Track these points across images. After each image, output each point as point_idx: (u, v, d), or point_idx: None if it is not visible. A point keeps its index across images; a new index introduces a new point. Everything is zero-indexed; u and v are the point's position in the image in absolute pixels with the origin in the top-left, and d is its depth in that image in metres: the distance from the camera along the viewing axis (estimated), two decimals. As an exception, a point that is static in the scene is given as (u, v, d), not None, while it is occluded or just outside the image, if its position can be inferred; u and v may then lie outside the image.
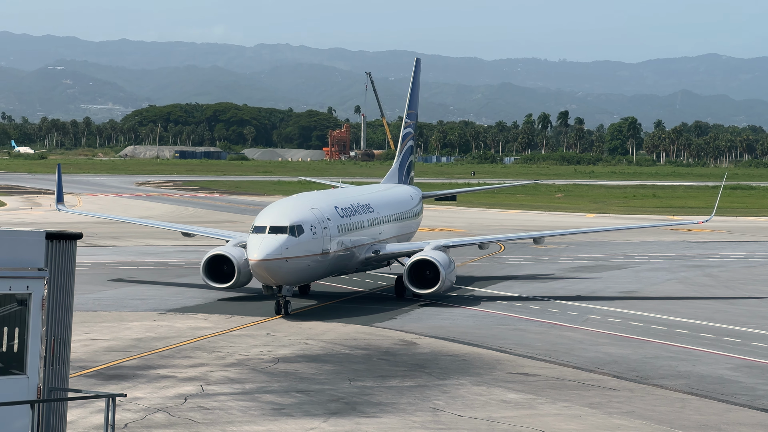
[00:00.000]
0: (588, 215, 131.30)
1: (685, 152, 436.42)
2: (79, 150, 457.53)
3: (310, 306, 57.02)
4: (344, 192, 72.66)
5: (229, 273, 57.16)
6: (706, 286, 68.76)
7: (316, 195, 63.17)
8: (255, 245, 51.78)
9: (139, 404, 34.68)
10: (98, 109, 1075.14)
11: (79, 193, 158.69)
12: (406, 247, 64.12)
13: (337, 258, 56.60)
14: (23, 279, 23.12)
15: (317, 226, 54.17)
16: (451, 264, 58.39)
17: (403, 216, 70.13)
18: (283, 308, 53.01)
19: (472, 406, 35.51)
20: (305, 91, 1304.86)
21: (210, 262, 57.69)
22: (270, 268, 51.45)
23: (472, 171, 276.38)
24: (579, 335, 50.01)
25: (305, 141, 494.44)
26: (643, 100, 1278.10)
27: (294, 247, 52.21)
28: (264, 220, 53.24)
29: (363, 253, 60.52)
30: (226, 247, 58.31)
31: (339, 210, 58.17)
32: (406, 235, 70.39)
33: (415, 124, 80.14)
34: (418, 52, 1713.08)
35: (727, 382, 40.25)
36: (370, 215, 62.91)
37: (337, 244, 56.17)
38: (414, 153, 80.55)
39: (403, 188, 76.19)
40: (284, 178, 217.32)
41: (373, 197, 67.20)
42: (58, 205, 71.73)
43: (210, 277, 57.62)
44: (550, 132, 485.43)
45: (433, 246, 60.10)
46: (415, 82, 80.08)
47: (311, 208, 55.30)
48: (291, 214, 53.75)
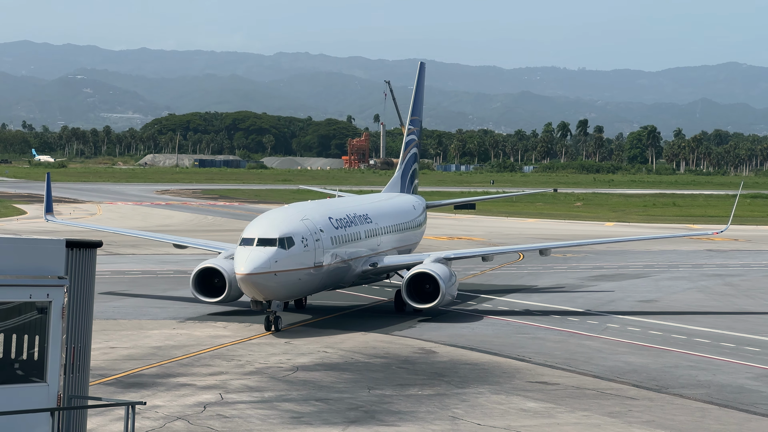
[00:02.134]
0: (607, 224, 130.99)
1: (705, 161, 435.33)
2: (99, 158, 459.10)
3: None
4: (340, 202, 69.49)
5: (221, 286, 54.62)
6: (727, 296, 68.51)
7: (309, 205, 60.43)
8: (242, 258, 49.46)
9: (159, 412, 34.74)
10: (118, 117, 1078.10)
11: (99, 201, 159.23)
12: (405, 260, 61.36)
13: (331, 271, 54.05)
14: (43, 287, 23.22)
15: (309, 237, 51.73)
16: (452, 277, 56.19)
17: (404, 227, 67.58)
18: (273, 324, 50.60)
19: (491, 415, 35.46)
20: (324, 99, 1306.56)
21: (200, 276, 55.11)
22: (258, 283, 49.17)
23: (491, 180, 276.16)
24: (598, 344, 49.90)
25: (324, 149, 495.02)
26: (662, 109, 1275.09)
27: (284, 260, 49.83)
28: (252, 232, 50.87)
29: (360, 265, 58.01)
30: (217, 260, 55.74)
31: (333, 221, 55.75)
32: (407, 246, 67.99)
33: (419, 131, 77.65)
34: (437, 60, 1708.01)
35: (748, 392, 40.09)
36: (368, 226, 60.43)
37: (331, 257, 53.66)
38: (418, 161, 78.13)
39: (405, 198, 73.71)
40: (303, 187, 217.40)
41: (371, 207, 64.69)
42: (47, 215, 68.21)
43: (200, 290, 55.10)
44: (569, 141, 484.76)
45: (434, 258, 57.84)
46: (419, 88, 77.66)
47: (303, 219, 52.90)
48: (281, 225, 51.35)
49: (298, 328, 52.64)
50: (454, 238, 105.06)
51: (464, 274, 75.38)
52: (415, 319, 55.89)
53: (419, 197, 75.68)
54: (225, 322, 53.70)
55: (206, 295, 54.99)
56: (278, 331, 50.40)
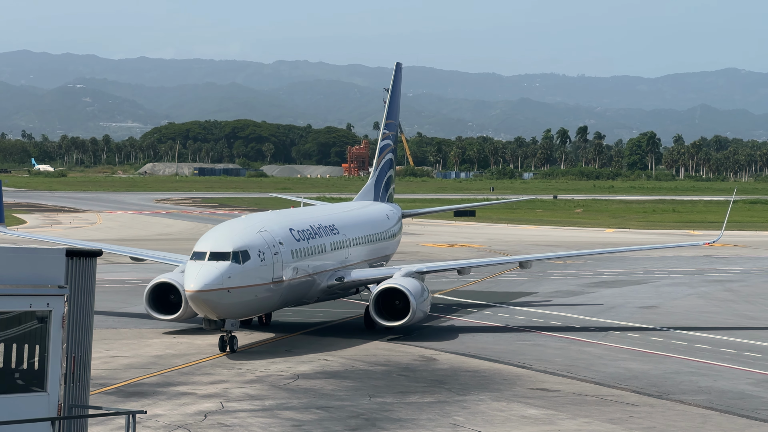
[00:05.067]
0: (607, 230, 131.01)
1: (705, 167, 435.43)
2: (99, 167, 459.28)
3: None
4: (303, 212, 65.17)
5: (177, 303, 50.74)
6: (727, 301, 68.51)
7: (268, 216, 56.98)
8: (192, 274, 45.97)
9: (159, 421, 34.72)
10: (117, 126, 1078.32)
11: (99, 210, 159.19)
12: (374, 274, 57.28)
13: (292, 287, 50.49)
14: (44, 296, 23.21)
15: (267, 251, 48.25)
16: (424, 292, 52.14)
17: (375, 237, 63.54)
18: (228, 344, 47.06)
19: (492, 422, 35.45)
20: (324, 107, 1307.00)
21: (155, 291, 51.36)
22: (209, 300, 45.69)
23: (491, 187, 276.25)
24: (599, 350, 49.89)
25: (324, 157, 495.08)
26: (662, 115, 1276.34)
27: (237, 275, 46.31)
28: (204, 245, 47.40)
29: (325, 280, 54.24)
30: (173, 274, 51.61)
31: (295, 232, 52.13)
32: (380, 258, 64.07)
33: (395, 135, 73.53)
34: (436, 68, 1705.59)
35: (749, 398, 40.08)
36: (334, 238, 56.57)
37: (292, 271, 50.16)
38: (393, 167, 73.67)
39: (379, 206, 69.72)
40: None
41: (338, 217, 60.72)
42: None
43: (154, 307, 51.29)
44: (568, 147, 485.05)
45: (404, 272, 54.23)
46: (395, 90, 73.67)
47: (260, 231, 49.27)
48: (235, 238, 47.78)
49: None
50: (454, 246, 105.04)
51: (463, 282, 75.38)
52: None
53: (394, 205, 72.23)
54: (225, 331, 53.58)
55: (161, 312, 51.26)
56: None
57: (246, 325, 53.48)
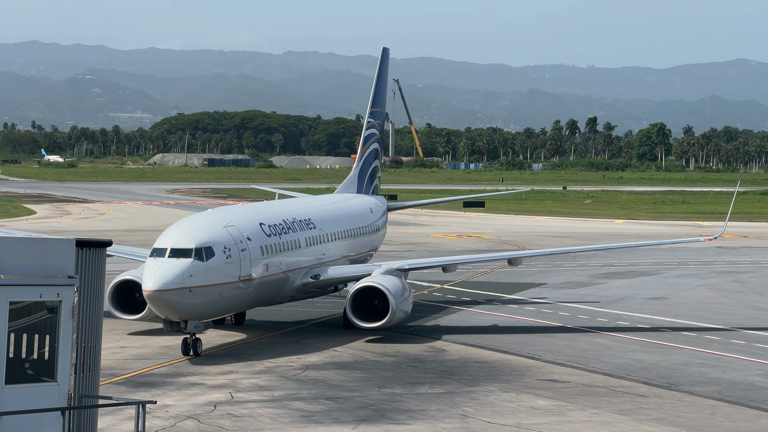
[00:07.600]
0: (617, 221, 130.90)
1: (715, 158, 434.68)
2: (109, 158, 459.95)
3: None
4: (276, 205, 60.60)
5: (142, 301, 46.59)
6: (737, 293, 68.44)
7: (237, 209, 54.60)
8: (150, 272, 43.00)
9: (169, 411, 34.78)
10: (127, 117, 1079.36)
11: (109, 201, 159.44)
12: (352, 271, 53.95)
13: (262, 285, 47.40)
14: (54, 286, 23.27)
15: (233, 247, 45.25)
16: (405, 291, 49.24)
17: (357, 232, 59.96)
18: (192, 348, 44.18)
19: (502, 413, 35.46)
20: (333, 98, 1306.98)
21: (118, 289, 48.48)
22: (169, 301, 42.83)
23: (500, 178, 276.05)
24: (608, 341, 49.87)
25: (333, 148, 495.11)
26: (671, 106, 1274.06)
27: (200, 274, 43.41)
28: (165, 241, 44.42)
29: (299, 278, 51.15)
30: (138, 271, 48.16)
31: (265, 227, 48.91)
32: (362, 254, 60.57)
33: (380, 124, 69.49)
34: (445, 59, 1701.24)
35: (758, 389, 40.05)
36: (310, 232, 53.29)
37: (261, 269, 47.05)
38: (379, 158, 69.70)
39: (362, 199, 65.84)
40: (312, 186, 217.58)
41: (315, 211, 57.13)
42: None
43: (118, 306, 48.51)
44: (578, 138, 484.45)
45: (384, 270, 51.09)
46: (381, 77, 69.07)
47: (226, 226, 46.22)
48: (198, 233, 44.82)
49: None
50: (463, 236, 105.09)
51: (473, 273, 75.41)
52: (425, 316, 55.85)
53: (379, 198, 68.35)
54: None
55: (125, 312, 48.50)
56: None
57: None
